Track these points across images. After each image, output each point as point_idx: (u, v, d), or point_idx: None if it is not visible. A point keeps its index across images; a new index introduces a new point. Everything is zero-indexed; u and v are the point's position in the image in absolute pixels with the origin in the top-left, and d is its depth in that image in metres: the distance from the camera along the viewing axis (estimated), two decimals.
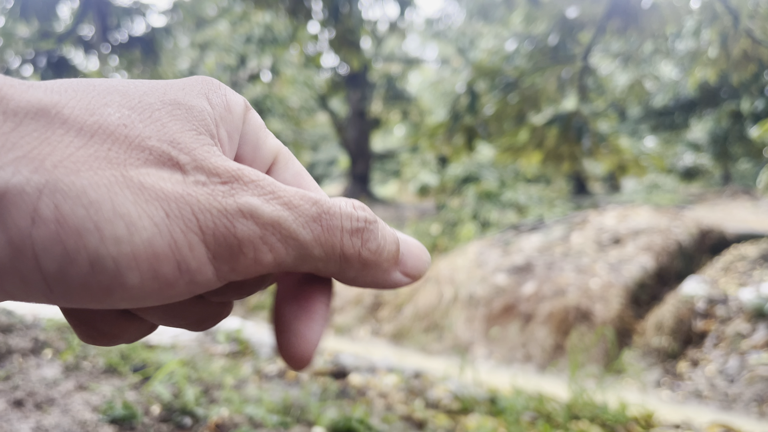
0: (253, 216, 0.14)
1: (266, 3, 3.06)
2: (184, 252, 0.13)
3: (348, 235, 0.15)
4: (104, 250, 0.12)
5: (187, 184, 0.13)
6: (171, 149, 0.14)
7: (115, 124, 0.13)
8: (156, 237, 0.12)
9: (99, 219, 0.12)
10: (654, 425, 2.10)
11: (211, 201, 0.13)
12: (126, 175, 0.13)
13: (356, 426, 1.72)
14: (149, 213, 0.12)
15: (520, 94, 2.98)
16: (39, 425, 1.57)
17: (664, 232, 5.19)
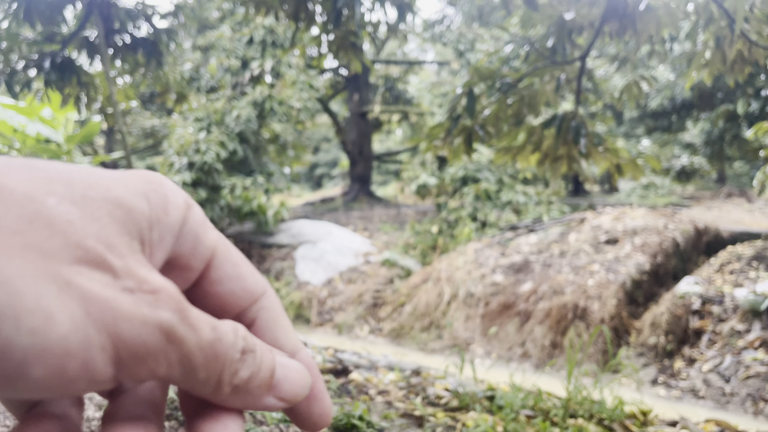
0: (165, 332, 0.14)
1: (268, 7, 3.09)
2: (93, 353, 0.13)
3: (229, 364, 0.16)
4: (17, 340, 0.12)
5: (115, 288, 0.14)
6: (106, 252, 0.14)
7: (55, 216, 0.14)
8: (71, 334, 0.13)
9: (19, 308, 0.12)
10: (650, 423, 2.13)
11: (135, 309, 0.14)
12: (56, 270, 0.13)
13: (357, 423, 1.74)
14: (70, 310, 0.13)
15: (518, 96, 3.02)
16: None
17: (660, 232, 5.23)
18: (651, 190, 11.48)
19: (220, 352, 0.16)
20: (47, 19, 3.48)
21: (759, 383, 3.37)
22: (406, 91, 12.92)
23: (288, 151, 9.35)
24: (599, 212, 6.22)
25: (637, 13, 2.76)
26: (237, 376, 0.16)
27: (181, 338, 0.15)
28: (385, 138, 20.22)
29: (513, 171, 8.35)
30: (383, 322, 5.41)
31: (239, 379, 0.16)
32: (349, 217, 9.58)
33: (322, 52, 3.27)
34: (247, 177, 7.68)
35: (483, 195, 7.25)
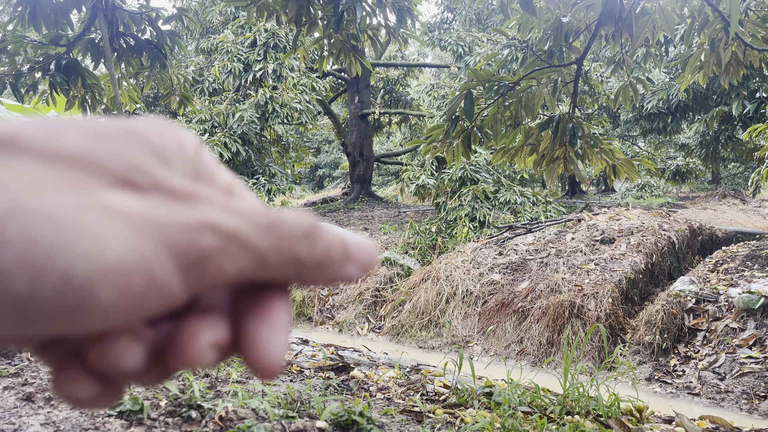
0: (214, 229, 0.14)
1: (270, 11, 3.15)
2: (153, 266, 0.13)
3: (299, 240, 0.16)
4: (75, 268, 0.12)
5: (149, 203, 0.14)
6: (130, 171, 0.14)
7: (75, 150, 0.14)
8: (125, 253, 0.13)
9: (68, 238, 0.12)
10: (646, 419, 2.17)
11: (173, 217, 0.14)
12: (90, 197, 0.13)
13: (357, 419, 1.77)
14: (116, 230, 0.13)
15: (516, 98, 3.08)
16: (48, 420, 1.62)
17: (656, 232, 5.28)
18: (646, 191, 11.54)
19: (285, 232, 0.15)
20: (52, 22, 3.53)
21: (753, 381, 3.42)
22: (406, 93, 12.98)
23: (290, 153, 9.41)
24: (595, 212, 6.28)
25: (632, 16, 2.81)
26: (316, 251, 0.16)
27: (232, 230, 0.14)
28: (386, 140, 20.26)
29: (510, 172, 8.41)
30: (383, 320, 5.45)
31: (319, 252, 0.16)
32: (349, 218, 9.63)
33: (323, 55, 3.32)
34: (249, 178, 7.73)
35: (481, 195, 7.30)
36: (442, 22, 13.53)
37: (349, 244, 0.17)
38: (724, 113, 9.14)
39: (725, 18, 2.83)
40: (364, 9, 3.04)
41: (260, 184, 7.36)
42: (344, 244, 0.17)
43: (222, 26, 11.01)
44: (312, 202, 13.46)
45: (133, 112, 10.83)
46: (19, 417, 1.63)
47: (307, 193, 19.10)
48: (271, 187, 7.43)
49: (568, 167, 3.06)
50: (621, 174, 3.15)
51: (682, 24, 4.22)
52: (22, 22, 3.49)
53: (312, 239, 0.16)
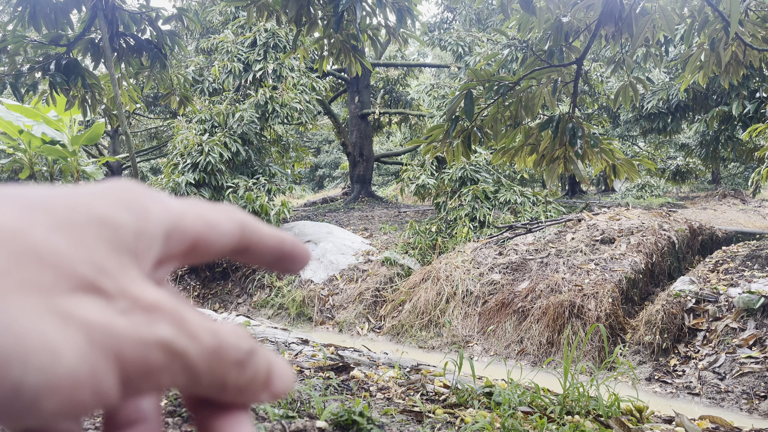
0: (166, 347, 0.15)
1: (270, 11, 3.15)
2: (100, 378, 0.13)
3: (232, 366, 0.16)
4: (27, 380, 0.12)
5: (111, 312, 0.14)
6: (98, 276, 0.14)
7: (43, 249, 0.14)
8: (78, 365, 0.13)
9: (26, 349, 0.12)
10: (646, 419, 2.17)
11: (132, 331, 0.14)
12: (54, 303, 0.13)
13: (357, 419, 1.77)
14: (74, 342, 0.13)
15: (516, 98, 3.08)
16: None
17: (656, 232, 5.29)
18: (646, 191, 11.55)
19: (223, 357, 0.16)
20: (52, 22, 3.53)
21: (753, 381, 3.42)
22: (406, 93, 12.99)
23: (290, 153, 9.41)
24: (595, 212, 6.28)
25: (632, 16, 2.81)
26: (242, 378, 0.16)
27: (182, 350, 0.15)
28: (386, 140, 20.27)
29: (510, 172, 8.41)
30: (383, 320, 5.45)
31: (244, 379, 0.17)
32: (349, 218, 9.63)
33: (323, 55, 3.32)
34: (249, 178, 7.73)
35: (481, 195, 7.30)
36: (442, 22, 13.54)
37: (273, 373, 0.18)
38: (724, 113, 9.14)
39: (725, 18, 2.83)
40: (364, 9, 3.04)
41: (260, 184, 7.36)
42: (269, 373, 0.18)
43: (222, 26, 11.01)
44: (312, 202, 13.47)
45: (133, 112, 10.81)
46: None
47: (307, 192, 19.12)
48: (271, 187, 7.43)
49: (568, 167, 3.06)
50: (621, 174, 3.15)
51: (682, 24, 4.22)
52: (22, 22, 3.50)
53: (243, 367, 0.17)
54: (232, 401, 0.17)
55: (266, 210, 7.00)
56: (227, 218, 0.19)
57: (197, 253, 0.19)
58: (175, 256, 0.18)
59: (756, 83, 8.14)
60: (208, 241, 0.19)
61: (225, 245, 0.19)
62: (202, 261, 0.19)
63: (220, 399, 0.17)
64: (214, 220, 0.19)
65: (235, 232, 0.19)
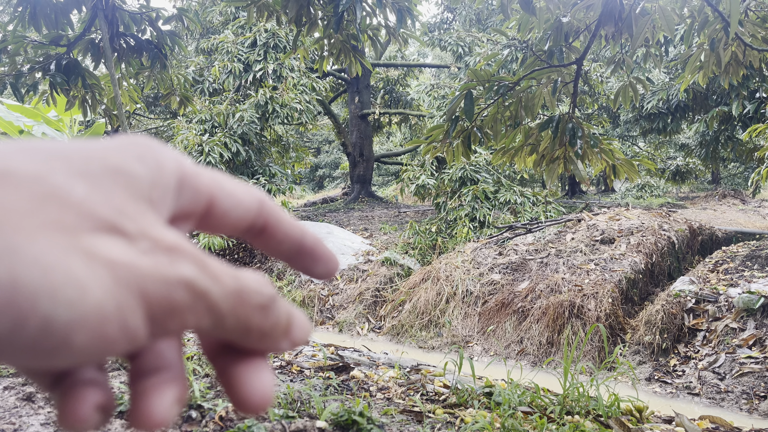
0: (188, 286, 0.15)
1: (270, 11, 3.15)
2: (127, 314, 0.14)
3: (256, 310, 0.16)
4: (57, 313, 0.12)
5: (133, 251, 0.14)
6: (119, 217, 0.15)
7: (64, 192, 0.14)
8: (104, 301, 0.13)
9: (53, 283, 0.13)
10: (646, 419, 2.17)
11: (155, 269, 0.14)
12: (77, 242, 0.13)
13: (357, 419, 1.77)
14: (99, 278, 0.13)
15: (516, 98, 3.08)
16: (49, 419, 1.61)
17: (656, 232, 5.29)
18: (646, 191, 11.56)
19: (246, 300, 0.16)
20: (53, 22, 3.53)
21: (753, 381, 3.42)
22: (406, 93, 12.99)
23: (290, 153, 9.42)
24: (595, 213, 6.28)
25: (632, 16, 2.81)
26: (265, 322, 0.17)
27: (204, 289, 0.15)
28: (386, 140, 20.27)
29: (510, 172, 8.42)
30: (383, 320, 5.45)
31: (267, 324, 0.17)
32: (349, 218, 9.63)
33: (323, 56, 3.33)
34: (249, 178, 7.74)
35: (481, 195, 7.31)
36: (442, 23, 13.55)
37: (293, 321, 0.18)
38: (724, 113, 9.15)
39: (725, 18, 2.84)
40: (364, 9, 3.04)
41: (260, 184, 7.37)
42: (289, 321, 0.18)
43: (222, 26, 11.01)
44: (312, 202, 13.47)
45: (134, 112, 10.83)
46: (19, 417, 1.63)
47: (307, 193, 19.11)
48: (271, 187, 7.44)
49: (568, 167, 3.06)
50: (621, 174, 3.15)
51: (682, 24, 4.21)
52: (23, 22, 3.50)
53: (266, 312, 0.17)
54: (254, 346, 0.17)
55: None
56: (245, 191, 0.19)
57: (213, 218, 0.19)
58: (191, 215, 0.18)
59: (756, 83, 8.14)
60: (223, 207, 0.19)
61: (241, 217, 0.19)
62: (219, 230, 0.19)
63: (243, 344, 0.17)
64: (230, 187, 0.19)
65: (252, 205, 0.19)
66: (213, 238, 6.38)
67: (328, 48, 3.34)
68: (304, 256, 0.21)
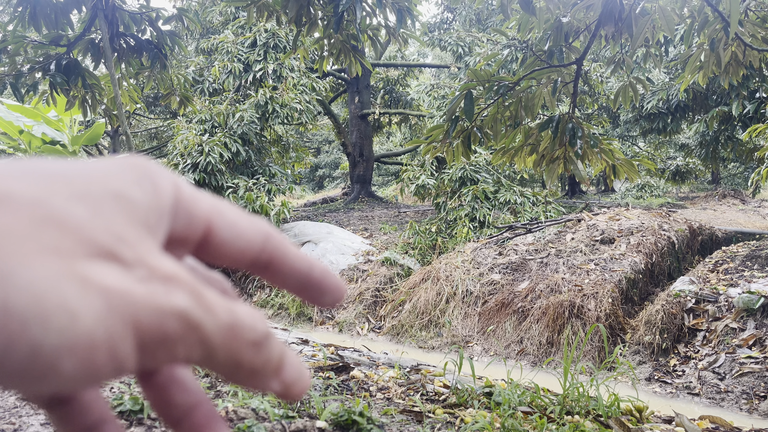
0: (182, 317, 0.15)
1: (270, 11, 3.15)
2: (117, 342, 0.14)
3: (248, 346, 0.16)
4: (46, 339, 0.13)
5: (129, 279, 0.14)
6: (117, 244, 0.15)
7: (64, 216, 0.14)
8: (96, 328, 0.13)
9: (44, 310, 0.13)
10: (646, 419, 2.17)
11: (149, 298, 0.14)
12: (73, 268, 0.13)
13: (357, 419, 1.76)
14: (91, 305, 0.13)
15: (516, 98, 3.08)
16: (49, 420, 1.61)
17: (656, 232, 5.29)
18: (646, 191, 11.56)
19: (239, 335, 0.16)
20: (53, 22, 3.53)
21: (753, 381, 3.42)
22: (405, 93, 13.00)
23: (290, 153, 9.42)
24: (595, 213, 6.28)
25: (632, 16, 2.81)
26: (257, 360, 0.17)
27: (198, 322, 0.15)
28: (386, 140, 20.28)
29: (510, 172, 8.42)
30: (383, 320, 5.45)
31: (259, 362, 0.17)
32: (349, 218, 9.63)
33: (323, 56, 3.33)
34: (249, 178, 7.74)
35: (481, 195, 7.31)
36: (442, 23, 13.55)
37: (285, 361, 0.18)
38: (724, 113, 9.15)
39: (725, 18, 2.83)
40: (364, 9, 3.04)
41: (260, 185, 7.37)
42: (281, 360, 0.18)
43: (222, 26, 11.02)
44: (312, 202, 13.48)
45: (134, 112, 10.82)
46: (19, 417, 1.63)
47: (307, 193, 19.12)
48: (271, 188, 7.43)
49: (567, 167, 3.06)
50: (621, 174, 3.15)
51: (682, 24, 4.21)
52: (23, 22, 3.50)
53: (259, 348, 0.17)
54: (243, 383, 0.17)
55: (266, 210, 7.01)
56: (249, 223, 0.19)
57: (212, 247, 0.18)
58: (187, 241, 0.18)
59: (756, 83, 8.14)
60: (222, 236, 0.18)
61: (242, 249, 0.19)
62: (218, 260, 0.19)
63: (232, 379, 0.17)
64: (232, 217, 0.19)
65: (255, 238, 0.19)
66: None
67: (328, 48, 3.34)
68: (311, 289, 0.20)
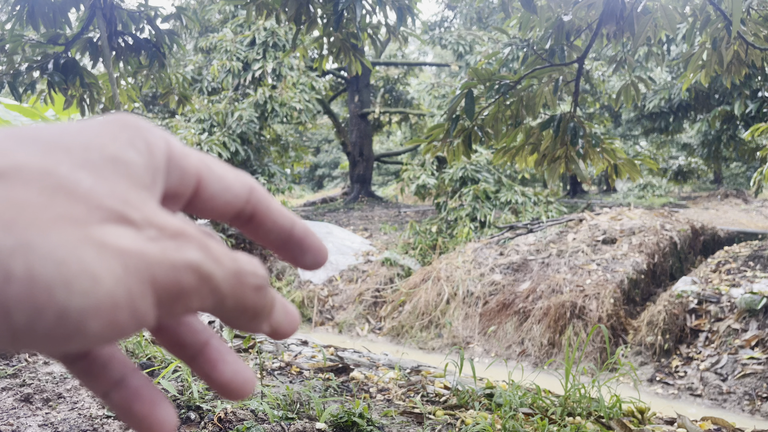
0: (195, 270, 0.16)
1: (269, 10, 3.13)
2: (137, 300, 0.15)
3: (252, 290, 0.17)
4: (72, 303, 0.13)
5: (141, 240, 0.15)
6: (125, 208, 0.15)
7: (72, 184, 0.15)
8: (116, 289, 0.14)
9: (68, 275, 0.13)
10: (648, 421, 2.16)
11: (163, 255, 0.15)
12: (88, 234, 0.14)
13: (357, 421, 1.75)
14: (110, 267, 0.14)
15: (517, 97, 3.06)
16: (47, 421, 1.61)
17: (658, 232, 5.27)
18: (648, 191, 11.53)
19: (243, 280, 0.17)
20: (50, 21, 3.52)
21: (755, 382, 3.41)
22: (406, 92, 12.97)
23: (289, 152, 9.41)
24: (597, 212, 6.26)
25: (634, 15, 2.79)
26: (259, 302, 0.18)
27: (209, 273, 0.16)
28: (386, 139, 20.27)
29: (511, 172, 8.40)
30: (383, 321, 5.44)
31: (261, 304, 0.18)
32: (349, 218, 9.62)
33: (322, 54, 3.31)
34: None
35: (482, 195, 7.29)
36: (442, 21, 13.53)
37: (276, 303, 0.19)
38: (726, 113, 9.13)
39: (727, 17, 2.81)
40: (363, 7, 3.02)
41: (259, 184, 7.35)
42: (272, 303, 0.19)
43: (221, 25, 11.00)
44: (311, 202, 13.46)
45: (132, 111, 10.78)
46: (17, 418, 1.62)
47: (307, 192, 19.09)
48: (270, 187, 7.43)
49: (569, 167, 3.04)
50: (623, 174, 3.13)
51: (684, 23, 4.19)
52: (21, 21, 3.48)
53: (261, 292, 0.18)
54: (243, 327, 0.18)
55: None
56: (235, 176, 0.20)
57: (201, 201, 0.19)
58: (179, 196, 0.19)
59: (758, 83, 8.12)
60: (211, 190, 0.19)
61: (229, 201, 0.20)
62: (206, 214, 0.20)
63: (234, 323, 0.18)
64: (220, 171, 0.20)
65: (241, 191, 0.20)
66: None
67: (327, 47, 3.32)
68: (292, 246, 0.21)
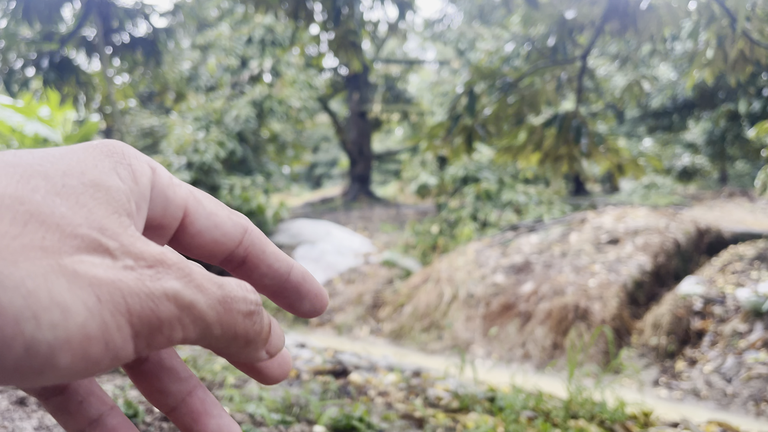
0: (174, 299, 0.15)
1: (267, 5, 3.08)
2: (112, 333, 0.14)
3: (242, 317, 0.17)
4: (40, 336, 0.13)
5: (117, 269, 0.15)
6: (100, 236, 0.15)
7: (46, 212, 0.14)
8: (88, 321, 0.13)
9: (36, 307, 0.13)
10: (652, 424, 2.12)
11: (139, 285, 0.15)
12: (61, 264, 0.14)
13: (357, 424, 1.72)
14: (83, 299, 0.13)
15: (519, 95, 3.01)
16: (42, 424, 1.58)
17: (662, 232, 5.22)
18: (652, 190, 11.47)
19: (230, 306, 0.16)
20: (45, 18, 3.47)
21: (761, 384, 3.36)
22: (406, 90, 12.91)
23: (287, 151, 9.35)
24: (600, 212, 6.21)
25: (638, 12, 2.74)
26: (251, 329, 0.17)
27: (190, 301, 0.15)
28: (385, 137, 20.21)
29: (514, 171, 8.34)
30: (383, 323, 5.40)
31: (253, 331, 0.17)
32: (348, 217, 9.58)
33: (321, 51, 3.26)
34: (246, 177, 7.67)
35: (483, 195, 7.24)
36: (443, 17, 13.46)
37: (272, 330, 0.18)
38: (731, 111, 9.07)
39: (731, 14, 2.76)
40: (362, 3, 2.97)
41: (257, 183, 7.30)
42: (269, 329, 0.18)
43: (218, 21, 10.93)
44: (310, 202, 13.42)
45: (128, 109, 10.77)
46: (12, 420, 1.59)
47: (305, 191, 19.05)
48: (268, 186, 7.38)
49: (572, 166, 3.00)
50: (627, 172, 3.09)
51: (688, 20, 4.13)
52: (16, 17, 3.43)
53: (252, 318, 0.17)
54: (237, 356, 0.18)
55: (263, 210, 6.95)
56: (228, 215, 0.19)
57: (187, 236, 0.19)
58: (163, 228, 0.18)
59: (763, 81, 8.05)
60: (199, 225, 0.19)
61: (218, 241, 0.19)
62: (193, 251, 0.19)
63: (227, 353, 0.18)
64: (210, 207, 0.19)
65: (233, 231, 0.19)
66: None
67: (326, 43, 3.27)
68: (289, 292, 0.20)
